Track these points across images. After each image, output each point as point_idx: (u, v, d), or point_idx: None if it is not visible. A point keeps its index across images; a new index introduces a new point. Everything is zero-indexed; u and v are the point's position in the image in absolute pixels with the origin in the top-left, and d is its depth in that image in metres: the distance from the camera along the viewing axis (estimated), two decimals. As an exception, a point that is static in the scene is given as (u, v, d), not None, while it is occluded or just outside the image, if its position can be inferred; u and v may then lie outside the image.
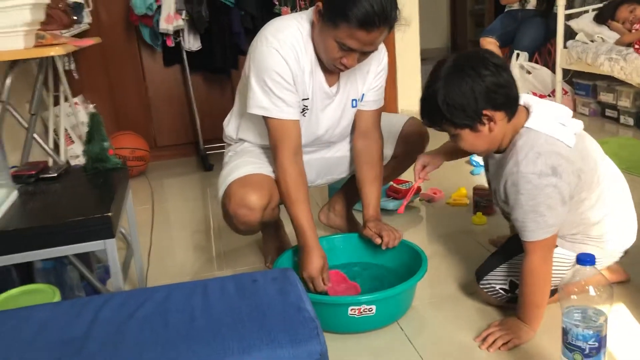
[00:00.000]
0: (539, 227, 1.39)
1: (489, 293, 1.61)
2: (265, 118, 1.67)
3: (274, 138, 1.67)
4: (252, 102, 1.65)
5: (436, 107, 1.39)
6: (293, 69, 1.62)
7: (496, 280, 1.59)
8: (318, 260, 1.63)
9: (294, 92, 1.65)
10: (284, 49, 1.60)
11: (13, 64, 1.75)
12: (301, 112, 1.72)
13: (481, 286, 1.62)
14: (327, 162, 1.96)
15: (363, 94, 1.80)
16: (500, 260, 1.60)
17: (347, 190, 2.13)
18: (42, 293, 1.45)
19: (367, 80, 1.79)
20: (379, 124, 1.87)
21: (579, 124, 1.46)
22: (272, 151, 1.71)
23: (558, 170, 1.35)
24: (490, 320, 1.56)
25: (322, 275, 1.63)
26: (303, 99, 1.70)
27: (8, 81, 1.75)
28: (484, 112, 1.36)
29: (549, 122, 1.41)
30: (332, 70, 1.68)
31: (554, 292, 1.53)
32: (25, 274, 1.75)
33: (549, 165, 1.35)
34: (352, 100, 1.80)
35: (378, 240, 1.73)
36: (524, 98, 1.48)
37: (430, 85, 1.41)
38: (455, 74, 1.37)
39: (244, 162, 1.77)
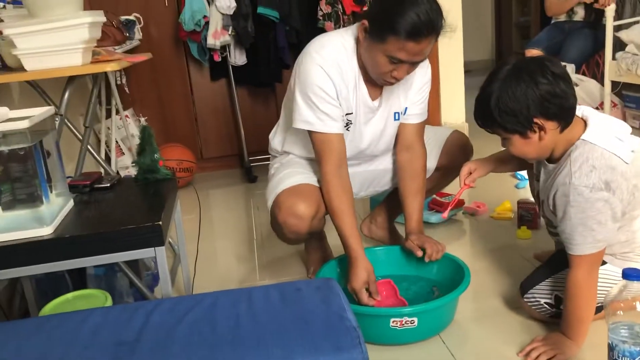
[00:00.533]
0: (586, 242, 1.36)
1: (533, 307, 1.59)
2: (310, 132, 1.71)
3: (319, 151, 1.71)
4: (297, 117, 1.70)
5: (489, 110, 1.38)
6: (337, 84, 1.66)
7: (541, 294, 1.57)
8: (362, 273, 1.63)
9: (337, 107, 1.68)
10: (328, 65, 1.64)
11: (70, 80, 1.84)
12: (345, 127, 1.75)
13: (525, 300, 1.60)
14: (370, 175, 1.98)
15: (406, 108, 1.82)
16: (545, 274, 1.58)
17: (390, 202, 2.14)
18: (95, 298, 1.51)
19: (409, 94, 1.80)
20: (422, 137, 1.88)
21: (637, 141, 1.42)
22: (317, 164, 1.74)
23: (612, 186, 1.33)
24: (533, 335, 1.54)
25: (366, 287, 1.63)
26: (347, 114, 1.73)
27: (66, 96, 1.83)
28: (535, 120, 1.34)
29: (607, 136, 1.38)
30: (380, 85, 1.71)
31: (600, 308, 1.50)
32: (78, 279, 1.83)
33: (603, 179, 1.33)
34: (395, 113, 1.82)
35: (419, 253, 1.74)
36: (583, 110, 1.46)
37: (486, 87, 1.40)
38: (512, 78, 1.35)
39: (292, 172, 1.81)
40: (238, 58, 3.40)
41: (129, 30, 2.96)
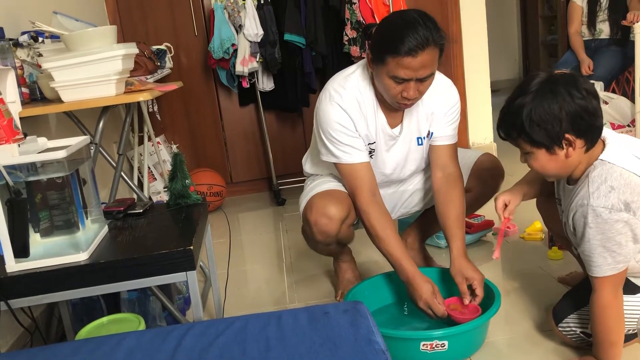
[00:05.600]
0: (606, 264, 1.33)
1: (569, 336, 1.55)
2: (337, 165, 1.76)
3: (350, 183, 1.76)
4: (324, 152, 1.78)
5: (518, 120, 1.34)
6: (353, 117, 1.71)
7: (577, 324, 1.52)
8: (426, 286, 1.64)
9: (358, 137, 1.74)
10: (345, 102, 1.71)
11: (105, 109, 1.90)
12: (369, 155, 1.79)
13: (560, 329, 1.56)
14: (401, 196, 1.99)
15: (431, 132, 1.83)
16: (579, 303, 1.53)
17: (421, 223, 2.14)
18: (129, 322, 1.55)
19: (434, 120, 1.82)
20: (455, 159, 1.86)
21: None
22: (351, 197, 1.78)
23: (631, 207, 1.30)
24: (565, 358, 1.51)
25: (437, 298, 1.63)
26: (369, 143, 1.77)
27: (101, 125, 1.90)
28: (566, 135, 1.31)
29: (625, 155, 1.36)
30: (397, 109, 1.73)
31: (635, 335, 1.47)
32: (112, 304, 1.87)
33: (622, 200, 1.30)
34: (418, 138, 1.83)
35: (467, 301, 1.67)
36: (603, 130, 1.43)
37: (516, 97, 1.35)
38: (547, 90, 1.31)
39: (325, 181, 1.89)
40: (266, 84, 3.47)
41: (160, 60, 3.05)
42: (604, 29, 3.87)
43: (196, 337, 1.15)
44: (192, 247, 1.39)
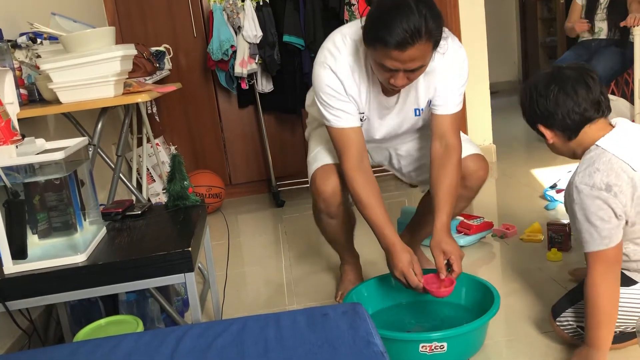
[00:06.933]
0: (592, 239, 1.39)
1: (566, 331, 1.56)
2: (327, 128, 1.76)
3: (338, 147, 1.75)
4: (320, 115, 1.77)
5: (535, 108, 1.47)
6: (346, 83, 1.68)
7: (574, 318, 1.54)
8: (405, 256, 1.62)
9: (349, 102, 1.71)
10: (338, 66, 1.67)
11: (103, 110, 1.90)
12: (360, 120, 1.77)
13: (558, 323, 1.57)
14: (391, 153, 2.01)
15: (429, 100, 1.77)
16: (577, 297, 1.55)
17: (415, 225, 2.14)
18: (127, 324, 1.54)
19: (436, 90, 1.74)
20: (456, 130, 1.77)
21: None
22: (338, 159, 1.77)
23: (613, 189, 1.35)
24: (564, 359, 1.51)
25: (413, 269, 1.61)
26: (360, 112, 1.76)
27: (99, 126, 1.89)
28: (539, 126, 1.48)
29: (622, 144, 1.40)
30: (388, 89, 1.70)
31: (634, 334, 1.47)
32: (111, 306, 1.87)
33: (605, 182, 1.36)
34: (415, 110, 1.79)
35: (442, 276, 1.62)
36: (618, 120, 1.48)
37: (535, 85, 1.49)
38: (531, 83, 1.48)
39: (324, 150, 1.91)
40: (265, 85, 3.47)
41: (159, 61, 3.05)
42: (603, 28, 3.87)
43: (194, 339, 1.15)
44: (190, 249, 1.39)
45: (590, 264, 1.41)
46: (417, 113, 1.80)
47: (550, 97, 1.43)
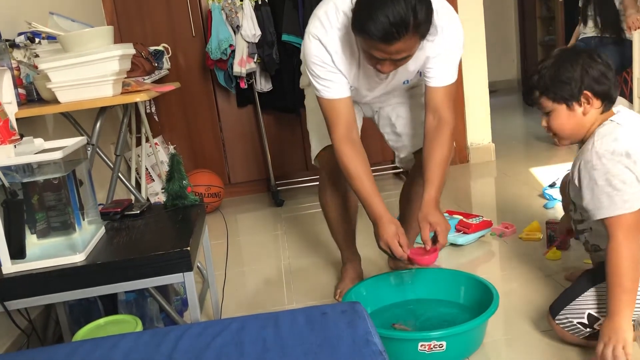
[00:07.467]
0: (613, 202, 1.39)
1: (566, 329, 1.55)
2: (317, 98, 1.75)
3: (327, 118, 1.74)
4: (311, 85, 1.76)
5: (542, 80, 1.50)
6: (335, 57, 1.67)
7: (573, 314, 1.53)
8: (390, 227, 1.63)
9: (338, 72, 1.70)
10: (328, 38, 1.65)
11: (102, 110, 1.89)
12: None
13: (557, 322, 1.56)
14: (380, 109, 2.00)
15: (419, 71, 1.76)
16: (576, 293, 1.55)
17: (407, 229, 2.14)
18: (126, 323, 1.54)
19: (428, 63, 1.73)
20: (448, 102, 1.76)
21: None
22: (327, 130, 1.77)
23: (633, 156, 1.39)
24: (564, 358, 1.51)
25: (398, 240, 1.62)
26: (350, 86, 1.75)
27: (98, 126, 1.89)
28: (585, 92, 1.45)
29: (635, 121, 1.47)
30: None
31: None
32: (110, 305, 1.87)
33: (624, 148, 1.39)
34: (405, 80, 1.81)
35: (428, 247, 1.64)
36: (618, 107, 1.52)
37: (541, 62, 1.53)
38: (570, 54, 1.49)
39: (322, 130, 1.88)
40: (264, 85, 3.46)
41: (157, 61, 3.04)
42: (589, 23, 3.90)
43: (193, 339, 1.15)
44: (189, 248, 1.39)
45: (611, 231, 1.41)
46: (406, 82, 1.83)
47: (602, 62, 1.46)
